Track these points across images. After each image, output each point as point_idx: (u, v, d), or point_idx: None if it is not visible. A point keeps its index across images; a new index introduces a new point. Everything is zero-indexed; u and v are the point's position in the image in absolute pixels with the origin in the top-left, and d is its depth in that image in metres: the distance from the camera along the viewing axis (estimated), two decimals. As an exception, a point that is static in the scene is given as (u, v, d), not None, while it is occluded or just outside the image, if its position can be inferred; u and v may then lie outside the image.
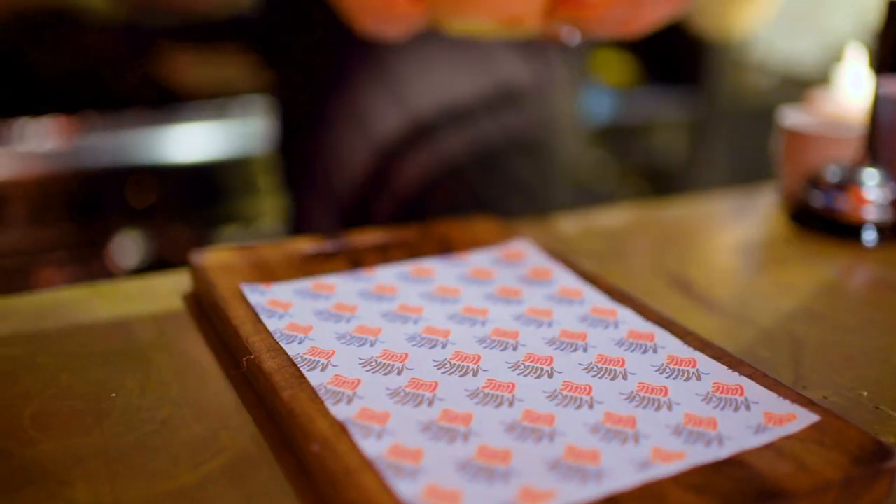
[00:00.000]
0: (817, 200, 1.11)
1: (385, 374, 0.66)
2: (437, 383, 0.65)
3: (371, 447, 0.56)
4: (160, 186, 2.21)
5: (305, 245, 0.91)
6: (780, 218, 1.18)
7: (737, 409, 0.62)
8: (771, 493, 0.53)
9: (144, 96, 2.36)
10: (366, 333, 0.72)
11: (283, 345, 0.68)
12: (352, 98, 1.22)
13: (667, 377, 0.67)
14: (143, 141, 2.21)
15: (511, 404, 0.62)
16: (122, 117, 2.24)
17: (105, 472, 0.58)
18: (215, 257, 0.85)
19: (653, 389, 0.65)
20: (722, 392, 0.64)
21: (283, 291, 0.79)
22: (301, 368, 0.65)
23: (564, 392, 0.64)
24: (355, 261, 0.88)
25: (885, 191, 1.09)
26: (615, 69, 3.08)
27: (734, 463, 0.56)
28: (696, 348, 0.71)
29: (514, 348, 0.71)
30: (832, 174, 1.13)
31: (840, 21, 3.18)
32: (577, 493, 0.52)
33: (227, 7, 2.65)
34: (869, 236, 1.08)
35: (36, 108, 2.12)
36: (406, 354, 0.69)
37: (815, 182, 1.13)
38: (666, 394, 0.64)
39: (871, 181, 1.09)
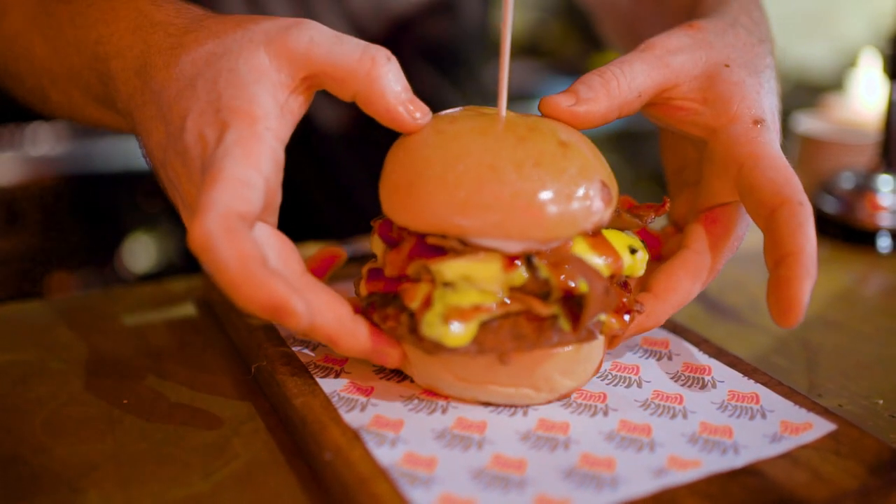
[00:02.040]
0: (831, 207, 1.11)
1: (399, 382, 0.65)
2: (450, 390, 0.64)
3: (385, 455, 0.55)
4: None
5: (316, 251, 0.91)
6: (793, 224, 1.17)
7: (752, 417, 0.62)
8: (787, 503, 0.53)
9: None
10: (378, 340, 0.72)
11: (295, 351, 0.68)
12: None
13: (682, 385, 0.66)
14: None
15: (525, 413, 0.62)
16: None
17: (117, 479, 0.58)
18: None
19: (668, 397, 0.64)
20: (737, 400, 0.64)
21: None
22: (314, 376, 0.65)
23: (579, 400, 0.64)
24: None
25: (899, 197, 1.08)
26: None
27: (750, 472, 0.56)
28: (711, 355, 0.71)
29: (528, 355, 0.70)
30: (846, 180, 1.12)
31: (854, 26, 3.18)
32: (593, 501, 0.52)
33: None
34: (884, 243, 1.07)
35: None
36: (419, 361, 0.68)
37: (829, 188, 1.13)
38: (681, 402, 0.64)
39: (886, 188, 1.09)
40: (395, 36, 1.24)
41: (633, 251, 0.64)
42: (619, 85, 0.65)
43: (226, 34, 0.61)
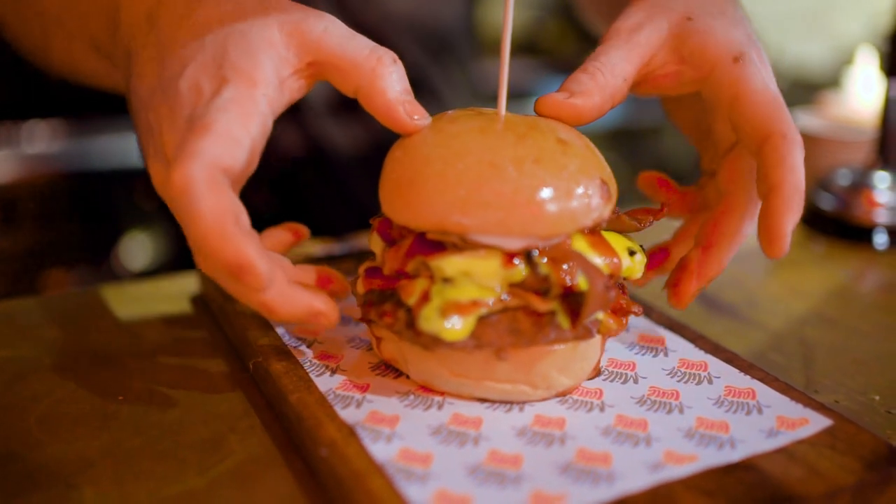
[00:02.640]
0: (828, 204, 1.11)
1: (394, 378, 0.65)
2: (446, 387, 0.64)
3: (380, 451, 0.55)
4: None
5: (314, 247, 0.91)
6: (790, 221, 1.17)
7: (749, 412, 0.62)
8: (783, 498, 0.53)
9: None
10: (375, 336, 0.72)
11: (291, 348, 0.68)
12: None
13: (678, 381, 0.66)
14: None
15: (521, 409, 0.62)
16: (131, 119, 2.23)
17: (112, 475, 0.57)
18: (223, 260, 0.84)
19: (664, 393, 0.64)
20: (734, 396, 0.64)
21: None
22: (310, 372, 0.65)
23: (575, 396, 0.64)
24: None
25: (896, 194, 1.08)
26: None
27: (746, 467, 0.56)
28: (707, 351, 0.71)
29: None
30: (843, 177, 1.12)
31: (851, 24, 3.17)
32: (589, 496, 0.52)
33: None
34: (880, 239, 1.07)
35: (44, 111, 2.11)
36: (415, 357, 0.68)
37: (825, 185, 1.13)
38: (677, 397, 0.64)
39: (883, 184, 1.09)
40: (386, 22, 1.25)
41: (631, 253, 0.64)
42: (605, 76, 0.65)
43: (245, 4, 0.62)
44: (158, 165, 0.61)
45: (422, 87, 1.22)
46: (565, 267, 0.59)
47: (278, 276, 0.59)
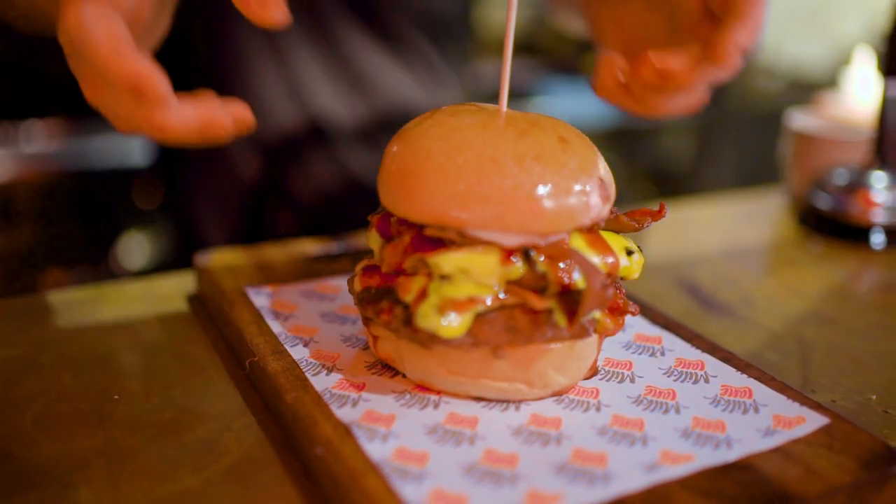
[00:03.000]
0: (825, 203, 1.11)
1: (391, 377, 0.65)
2: (442, 386, 0.64)
3: (376, 450, 0.55)
4: (166, 188, 2.20)
5: (311, 247, 0.91)
6: (787, 221, 1.17)
7: (745, 411, 0.62)
8: (779, 498, 0.53)
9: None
10: (371, 335, 0.72)
11: (287, 347, 0.68)
12: (242, 85, 1.23)
13: (675, 380, 0.66)
14: (150, 142, 2.20)
15: (518, 408, 0.62)
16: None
17: (107, 474, 0.57)
18: (220, 259, 0.84)
19: (661, 393, 0.64)
20: (730, 395, 0.64)
21: (288, 293, 0.78)
22: (306, 372, 0.65)
23: (571, 395, 0.64)
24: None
25: (893, 194, 1.08)
26: (622, 72, 3.06)
27: (742, 466, 0.56)
28: (704, 351, 0.70)
29: (521, 351, 0.70)
30: (840, 177, 1.12)
31: (848, 24, 3.18)
32: (585, 496, 0.52)
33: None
34: (877, 239, 1.07)
35: (42, 110, 2.12)
36: (411, 357, 0.68)
37: (822, 185, 1.13)
38: (674, 397, 0.64)
39: (880, 184, 1.09)
40: (385, 4, 1.26)
41: (629, 253, 0.64)
42: None
43: None
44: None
45: (421, 70, 1.22)
46: (563, 265, 0.58)
47: (174, 97, 0.58)
